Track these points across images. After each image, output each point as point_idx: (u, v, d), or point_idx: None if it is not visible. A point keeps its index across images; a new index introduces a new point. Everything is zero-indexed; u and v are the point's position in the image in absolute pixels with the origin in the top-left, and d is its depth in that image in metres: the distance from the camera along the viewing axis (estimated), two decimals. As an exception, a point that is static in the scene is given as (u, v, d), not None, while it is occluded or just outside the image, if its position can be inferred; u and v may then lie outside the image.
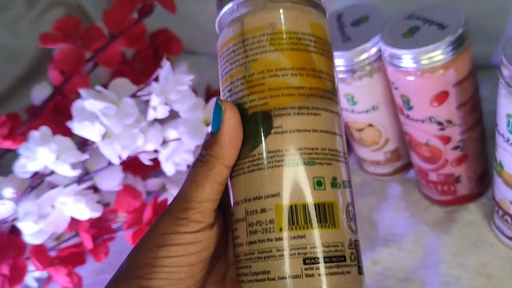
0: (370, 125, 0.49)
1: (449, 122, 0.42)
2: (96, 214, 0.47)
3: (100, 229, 0.50)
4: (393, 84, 0.42)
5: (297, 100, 0.26)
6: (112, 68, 0.55)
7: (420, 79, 0.39)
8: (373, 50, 0.43)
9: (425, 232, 0.48)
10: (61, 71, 0.49)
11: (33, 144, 0.44)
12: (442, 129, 0.42)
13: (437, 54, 0.38)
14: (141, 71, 0.56)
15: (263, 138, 0.26)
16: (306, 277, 0.25)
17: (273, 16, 0.27)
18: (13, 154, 0.48)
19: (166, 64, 0.44)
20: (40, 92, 0.52)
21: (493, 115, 0.38)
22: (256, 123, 0.26)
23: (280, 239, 0.25)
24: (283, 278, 0.25)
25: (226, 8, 0.28)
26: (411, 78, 0.40)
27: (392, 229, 0.50)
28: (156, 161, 0.51)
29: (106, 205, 0.52)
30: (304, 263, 0.25)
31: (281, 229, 0.25)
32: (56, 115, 0.51)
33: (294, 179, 0.26)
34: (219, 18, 0.29)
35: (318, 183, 0.26)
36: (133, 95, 0.46)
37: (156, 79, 0.46)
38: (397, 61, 0.40)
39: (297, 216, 0.25)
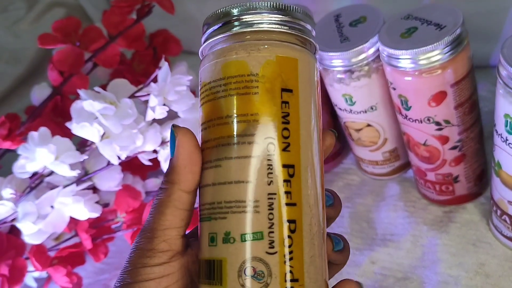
0: (368, 125, 0.49)
1: (447, 122, 0.42)
2: (95, 214, 0.47)
3: (99, 229, 0.50)
4: (391, 84, 0.42)
5: (206, 154, 0.27)
6: (111, 69, 0.55)
7: (418, 79, 0.40)
8: (371, 51, 0.44)
9: (423, 231, 0.48)
10: (60, 71, 0.50)
11: (32, 145, 0.45)
12: (440, 129, 0.42)
13: (435, 54, 0.38)
14: (140, 72, 0.56)
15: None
16: None
17: (201, 70, 0.28)
18: (12, 155, 0.48)
19: (164, 65, 0.44)
20: (39, 93, 0.52)
21: (491, 115, 0.38)
22: None
23: None
24: None
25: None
26: (409, 78, 0.40)
27: (390, 228, 0.50)
28: (155, 161, 0.51)
29: (105, 205, 0.52)
30: None
31: (198, 282, 0.27)
32: (55, 116, 0.51)
33: (201, 235, 0.27)
34: None
35: (211, 239, 0.26)
36: (132, 96, 0.47)
37: (155, 80, 0.46)
38: (395, 61, 0.40)
39: (200, 271, 0.26)
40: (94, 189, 0.51)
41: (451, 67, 0.39)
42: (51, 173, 0.47)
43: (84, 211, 0.46)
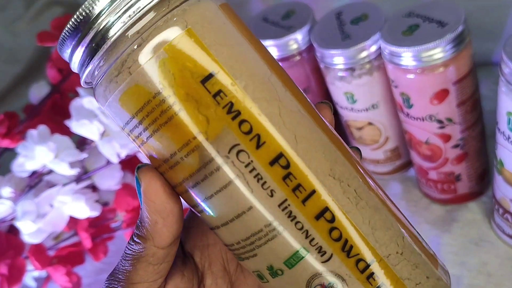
0: (370, 124, 0.49)
1: (449, 120, 0.41)
2: (95, 213, 0.47)
3: (99, 228, 0.50)
4: (393, 82, 0.42)
5: (185, 198, 0.23)
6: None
7: (420, 77, 0.39)
8: (373, 48, 0.43)
9: (425, 231, 0.48)
10: (59, 69, 0.49)
11: (31, 143, 0.44)
12: (442, 127, 0.42)
13: (437, 52, 0.38)
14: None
15: None
16: None
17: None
18: (11, 153, 0.48)
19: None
20: (38, 91, 0.52)
21: (493, 113, 0.38)
22: None
23: None
24: None
25: None
26: (411, 76, 0.40)
27: (392, 227, 0.49)
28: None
29: (105, 204, 0.52)
30: None
31: None
32: (54, 114, 0.51)
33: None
34: None
35: (259, 277, 0.22)
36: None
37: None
38: (397, 59, 0.40)
39: None
40: (94, 188, 0.51)
41: (453, 65, 0.39)
42: (50, 171, 0.47)
43: (84, 210, 0.46)
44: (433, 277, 0.22)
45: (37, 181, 0.48)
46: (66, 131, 0.46)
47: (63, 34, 0.20)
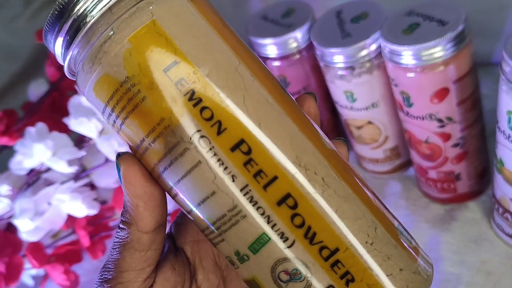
0: (370, 123, 0.48)
1: (449, 119, 0.41)
2: (93, 211, 0.47)
3: (97, 226, 0.50)
4: (393, 81, 0.42)
5: (160, 183, 0.23)
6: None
7: (420, 76, 0.39)
8: (373, 47, 0.43)
9: (424, 229, 0.48)
10: (58, 67, 0.49)
11: (29, 141, 0.44)
12: (442, 126, 0.42)
13: (438, 51, 0.38)
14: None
15: None
16: None
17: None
18: (9, 151, 0.47)
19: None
20: (36, 89, 0.52)
21: (493, 113, 0.38)
22: None
23: None
24: None
25: None
26: (411, 74, 0.40)
27: (391, 227, 0.49)
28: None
29: (103, 202, 0.51)
30: None
31: None
32: (53, 112, 0.50)
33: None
34: None
35: (231, 263, 0.23)
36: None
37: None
38: (397, 58, 0.39)
39: None
40: (92, 186, 0.51)
41: (453, 64, 0.38)
42: (49, 169, 0.47)
43: (82, 208, 0.46)
44: (408, 270, 0.22)
45: (35, 179, 0.47)
46: (65, 129, 0.46)
47: (44, 27, 0.22)
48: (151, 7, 0.20)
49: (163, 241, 0.24)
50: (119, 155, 0.23)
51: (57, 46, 0.22)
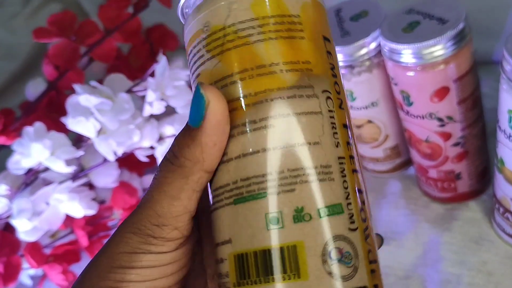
0: (369, 122, 0.48)
1: (450, 118, 0.41)
2: (91, 211, 0.47)
3: (95, 226, 0.49)
4: (393, 79, 0.42)
5: (240, 115, 0.21)
6: (107, 64, 0.54)
7: (420, 75, 0.39)
8: (373, 45, 0.43)
9: (425, 229, 0.48)
10: (56, 66, 0.49)
11: (27, 140, 0.44)
12: (442, 126, 0.42)
13: (438, 49, 0.37)
14: (137, 68, 0.56)
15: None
16: None
17: (206, 14, 0.22)
18: (7, 150, 0.47)
19: (162, 59, 0.44)
20: (34, 88, 0.51)
21: (493, 112, 0.38)
22: None
23: None
24: None
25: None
26: (411, 73, 0.39)
27: (391, 226, 0.49)
28: (152, 158, 0.51)
29: (101, 202, 0.51)
30: None
31: (234, 285, 0.20)
32: (51, 111, 0.50)
33: (244, 219, 0.20)
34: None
35: (272, 221, 0.20)
36: (129, 91, 0.46)
37: (152, 75, 0.45)
38: (397, 56, 0.39)
39: (248, 268, 0.20)
40: (90, 185, 0.51)
41: (454, 62, 0.38)
42: (47, 169, 0.46)
43: (80, 208, 0.45)
44: None
45: (33, 179, 0.47)
46: (63, 129, 0.45)
47: None
48: None
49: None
50: (200, 83, 0.21)
51: None
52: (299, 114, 0.21)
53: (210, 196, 0.22)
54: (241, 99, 0.21)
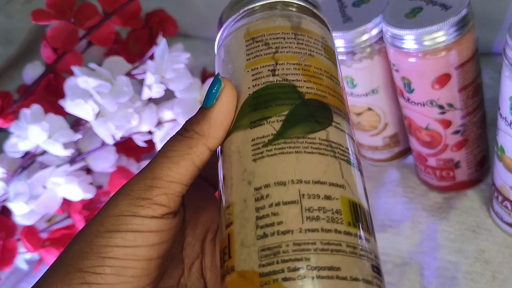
0: (369, 109, 0.48)
1: (450, 105, 0.41)
2: (88, 195, 0.46)
3: (92, 211, 0.49)
4: (394, 66, 0.41)
5: (343, 108, 0.25)
6: (106, 47, 0.54)
7: (422, 61, 0.39)
8: (374, 31, 0.43)
9: (422, 217, 0.48)
10: (54, 48, 0.48)
11: (24, 123, 0.43)
12: (443, 113, 0.41)
13: (440, 35, 0.37)
14: (136, 52, 0.55)
15: (325, 127, 0.24)
16: (375, 286, 0.21)
17: (324, 31, 0.29)
18: (4, 133, 0.47)
19: (162, 42, 0.43)
20: (32, 71, 0.51)
21: (493, 102, 0.37)
22: (314, 110, 0.24)
23: (350, 234, 0.21)
24: (356, 279, 0.20)
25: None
26: (412, 59, 0.39)
27: (389, 214, 0.49)
28: (150, 143, 0.50)
29: (99, 187, 0.51)
30: (373, 270, 0.21)
31: (349, 224, 0.22)
32: (48, 94, 0.50)
33: (355, 179, 0.23)
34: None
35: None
36: (128, 74, 0.45)
37: (152, 57, 0.45)
38: (399, 42, 0.39)
39: (362, 217, 0.22)
40: (88, 170, 0.50)
41: (456, 49, 0.38)
42: (44, 152, 0.46)
43: (77, 192, 0.45)
44: None
45: (30, 162, 0.47)
46: (60, 112, 0.45)
47: None
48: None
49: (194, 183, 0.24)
50: (219, 74, 0.24)
51: None
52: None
53: None
54: (341, 98, 0.26)
